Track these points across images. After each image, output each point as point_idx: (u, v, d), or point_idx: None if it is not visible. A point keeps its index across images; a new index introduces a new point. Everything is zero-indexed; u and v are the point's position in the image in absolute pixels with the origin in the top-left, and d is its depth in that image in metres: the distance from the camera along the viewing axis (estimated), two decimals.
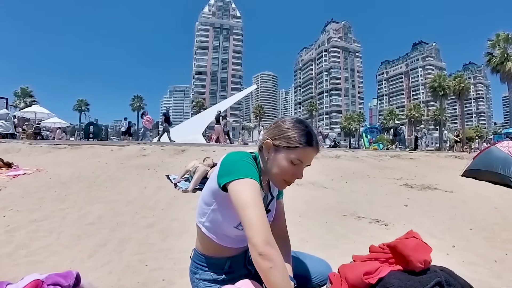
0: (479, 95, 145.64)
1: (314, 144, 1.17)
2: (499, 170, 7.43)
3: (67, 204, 4.26)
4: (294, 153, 1.14)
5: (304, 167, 1.20)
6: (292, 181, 1.20)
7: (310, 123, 1.26)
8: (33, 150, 9.38)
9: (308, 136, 1.17)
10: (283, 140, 1.16)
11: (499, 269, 2.75)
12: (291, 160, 1.15)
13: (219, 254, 1.26)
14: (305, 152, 1.15)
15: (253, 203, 1.00)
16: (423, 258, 1.01)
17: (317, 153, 1.21)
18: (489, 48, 34.29)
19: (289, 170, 1.16)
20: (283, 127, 1.19)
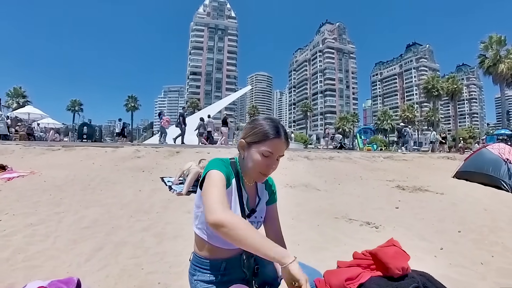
0: (472, 96, 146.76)
1: (281, 136, 1.28)
2: (490, 172, 7.57)
3: (62, 207, 4.29)
4: (264, 146, 1.25)
5: (276, 158, 1.29)
6: (267, 172, 1.29)
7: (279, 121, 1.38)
8: (26, 151, 9.35)
9: (275, 129, 1.28)
10: (254, 136, 1.28)
11: (484, 271, 2.83)
12: (262, 152, 1.25)
13: (214, 255, 1.32)
14: (274, 143, 1.25)
15: (207, 191, 1.15)
16: (401, 265, 1.08)
17: (287, 145, 1.31)
18: (482, 50, 34.77)
19: (262, 162, 1.26)
20: (253, 125, 1.32)
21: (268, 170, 1.29)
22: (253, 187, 1.44)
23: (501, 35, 33.58)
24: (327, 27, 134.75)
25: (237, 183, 1.34)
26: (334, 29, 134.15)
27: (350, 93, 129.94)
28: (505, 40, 33.43)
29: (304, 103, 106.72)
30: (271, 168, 1.29)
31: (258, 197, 1.44)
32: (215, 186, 1.15)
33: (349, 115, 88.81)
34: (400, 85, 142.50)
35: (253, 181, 1.41)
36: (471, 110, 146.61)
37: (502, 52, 33.07)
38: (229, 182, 1.29)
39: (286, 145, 1.31)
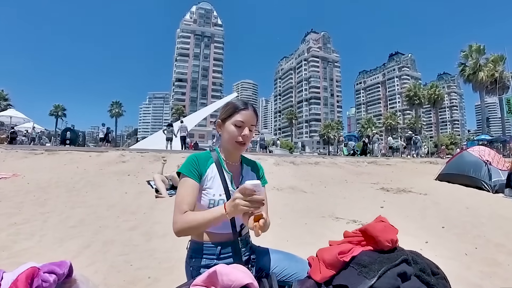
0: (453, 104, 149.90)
1: (249, 108, 1.43)
2: (471, 173, 7.77)
3: (47, 208, 4.23)
4: (235, 117, 1.40)
5: (248, 127, 1.42)
6: (243, 140, 1.41)
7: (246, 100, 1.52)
8: (8, 155, 9.16)
9: (243, 103, 1.45)
10: (226, 112, 1.44)
11: (468, 261, 2.93)
12: (235, 123, 1.40)
13: (209, 240, 1.36)
14: (243, 114, 1.41)
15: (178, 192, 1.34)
16: (390, 237, 1.12)
17: (256, 117, 1.46)
18: (462, 59, 35.71)
19: (236, 132, 1.40)
20: (224, 105, 1.49)
21: (243, 138, 1.41)
22: (237, 167, 1.53)
23: (480, 44, 34.63)
24: (312, 36, 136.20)
25: (218, 167, 1.44)
26: (319, 38, 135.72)
27: (335, 101, 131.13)
28: (484, 49, 34.46)
29: (290, 111, 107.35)
30: (245, 136, 1.41)
31: (242, 175, 1.52)
32: (179, 194, 1.32)
33: (334, 123, 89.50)
34: (383, 93, 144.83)
35: (236, 158, 1.52)
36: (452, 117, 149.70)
37: (481, 61, 34.05)
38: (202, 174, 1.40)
39: (255, 117, 1.45)
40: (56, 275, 1.18)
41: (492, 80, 32.38)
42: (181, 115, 68.77)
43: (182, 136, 18.45)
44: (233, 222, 1.37)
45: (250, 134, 1.44)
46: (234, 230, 1.38)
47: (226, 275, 0.96)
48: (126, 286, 2.23)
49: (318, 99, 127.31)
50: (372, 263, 1.04)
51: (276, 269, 1.41)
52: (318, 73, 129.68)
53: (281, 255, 1.51)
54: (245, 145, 1.44)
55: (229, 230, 1.37)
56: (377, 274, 0.99)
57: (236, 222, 1.38)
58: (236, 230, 1.38)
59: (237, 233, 1.39)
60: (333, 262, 1.08)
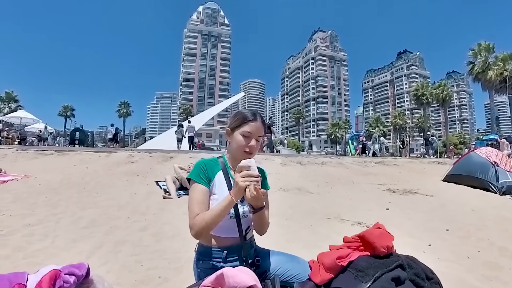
0: (462, 103, 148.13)
1: (258, 119, 1.50)
2: (478, 174, 7.74)
3: (59, 209, 4.35)
4: (244, 128, 1.47)
5: (256, 138, 1.49)
6: (250, 150, 1.48)
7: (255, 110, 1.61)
8: (19, 156, 9.34)
9: (252, 114, 1.52)
10: (235, 122, 1.51)
11: (470, 265, 2.97)
12: (243, 133, 1.47)
13: (216, 244, 1.43)
14: (251, 125, 1.47)
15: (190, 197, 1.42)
16: (386, 244, 1.19)
17: (263, 128, 1.52)
18: (471, 57, 35.29)
19: (243, 142, 1.47)
20: (234, 114, 1.56)
21: (250, 149, 1.48)
22: None
23: (490, 43, 34.22)
24: (319, 35, 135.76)
25: (225, 175, 1.51)
26: (326, 37, 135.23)
27: (342, 100, 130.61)
28: (493, 47, 34.04)
29: (297, 110, 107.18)
30: (252, 146, 1.47)
31: None
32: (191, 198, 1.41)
33: (341, 122, 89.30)
34: (391, 92, 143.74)
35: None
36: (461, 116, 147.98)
37: (490, 59, 33.62)
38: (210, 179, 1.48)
39: (263, 128, 1.52)
40: (75, 276, 1.27)
41: (501, 79, 31.98)
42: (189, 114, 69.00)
43: (189, 136, 18.65)
44: (239, 227, 1.44)
45: (257, 144, 1.50)
46: (240, 235, 1.43)
47: (232, 277, 1.04)
48: (137, 286, 2.33)
49: (325, 98, 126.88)
50: (368, 267, 1.11)
51: (279, 270, 1.48)
52: (326, 72, 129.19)
53: (284, 257, 1.58)
54: (252, 154, 1.49)
55: (235, 234, 1.43)
56: (372, 278, 1.06)
57: (242, 226, 1.44)
58: (242, 235, 1.44)
59: (243, 238, 1.45)
60: (331, 266, 1.16)
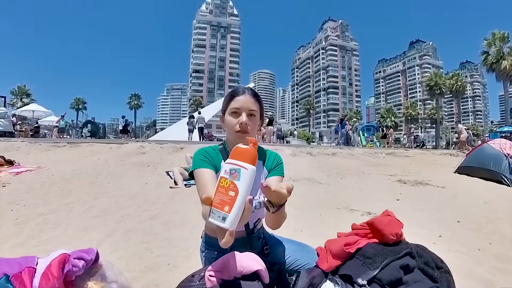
0: (475, 94, 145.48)
1: (245, 93, 1.36)
2: (491, 166, 7.61)
3: (71, 199, 4.41)
4: (230, 106, 1.35)
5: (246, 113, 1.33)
6: (242, 129, 1.32)
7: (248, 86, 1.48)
8: (32, 148, 9.48)
9: (238, 88, 1.40)
10: (223, 104, 1.41)
11: (481, 257, 2.93)
12: (231, 112, 1.34)
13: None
14: (237, 100, 1.34)
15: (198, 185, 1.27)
16: (395, 231, 1.18)
17: (250, 98, 1.36)
18: (485, 47, 34.52)
19: (234, 120, 1.33)
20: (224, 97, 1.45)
21: (241, 126, 1.32)
22: None
23: (504, 32, 33.34)
24: (329, 24, 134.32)
25: None
26: (337, 26, 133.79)
27: (353, 90, 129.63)
28: (508, 37, 33.19)
29: (307, 101, 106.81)
30: (243, 124, 1.32)
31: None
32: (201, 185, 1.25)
33: (352, 113, 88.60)
34: (403, 83, 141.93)
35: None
36: (475, 107, 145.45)
37: (505, 49, 32.82)
38: (217, 167, 1.33)
39: (254, 101, 1.37)
40: (84, 261, 1.30)
41: None
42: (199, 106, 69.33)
43: (199, 127, 18.81)
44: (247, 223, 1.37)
45: (251, 120, 1.34)
46: (247, 229, 1.39)
47: (239, 262, 1.04)
48: (147, 272, 2.36)
49: (336, 89, 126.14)
50: (376, 255, 1.10)
51: (289, 259, 1.46)
52: (336, 62, 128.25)
53: (294, 245, 1.56)
54: (247, 133, 1.33)
55: (242, 228, 1.36)
56: (380, 265, 1.05)
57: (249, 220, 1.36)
58: (249, 229, 1.39)
59: (250, 231, 1.40)
60: (339, 252, 1.15)
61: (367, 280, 1.02)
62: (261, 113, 1.42)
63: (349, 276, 1.06)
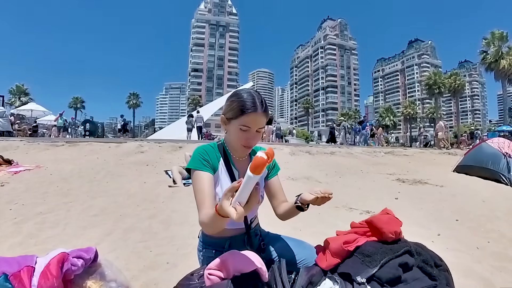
0: (474, 93, 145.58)
1: (258, 109, 1.24)
2: (489, 165, 7.62)
3: (70, 198, 4.41)
4: (239, 121, 1.24)
5: (256, 130, 1.28)
6: (249, 145, 1.30)
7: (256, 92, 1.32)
8: (30, 147, 9.46)
9: (251, 103, 1.24)
10: (230, 112, 1.27)
11: (480, 255, 2.94)
12: (239, 128, 1.25)
13: (219, 234, 1.33)
14: (250, 118, 1.23)
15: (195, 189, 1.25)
16: (394, 229, 1.18)
17: (265, 117, 1.28)
18: (484, 46, 34.63)
19: (241, 137, 1.27)
20: (230, 101, 1.30)
21: (248, 143, 1.29)
22: (245, 162, 1.43)
23: (503, 31, 33.46)
24: (328, 24, 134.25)
25: (226, 164, 1.37)
26: (336, 25, 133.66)
27: (352, 89, 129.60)
28: (507, 36, 33.30)
29: (306, 100, 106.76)
30: (251, 140, 1.29)
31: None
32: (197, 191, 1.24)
33: (351, 112, 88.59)
34: (402, 82, 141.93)
35: (243, 155, 1.42)
36: (473, 106, 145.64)
37: (504, 49, 32.95)
38: (215, 167, 1.33)
39: (265, 117, 1.28)
40: (83, 259, 1.30)
41: None
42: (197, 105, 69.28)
43: (198, 126, 18.87)
44: (245, 219, 1.40)
45: (258, 136, 1.31)
46: (246, 226, 1.41)
47: (237, 260, 1.04)
48: (146, 271, 2.36)
49: (335, 88, 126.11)
50: (375, 253, 1.10)
51: (286, 255, 1.44)
52: (335, 61, 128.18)
53: (291, 242, 1.57)
54: (251, 147, 1.33)
55: (240, 225, 1.39)
56: (379, 263, 1.06)
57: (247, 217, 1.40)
58: (248, 225, 1.42)
59: (248, 228, 1.43)
60: (338, 251, 1.16)
61: (366, 278, 1.02)
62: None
63: (348, 274, 1.06)
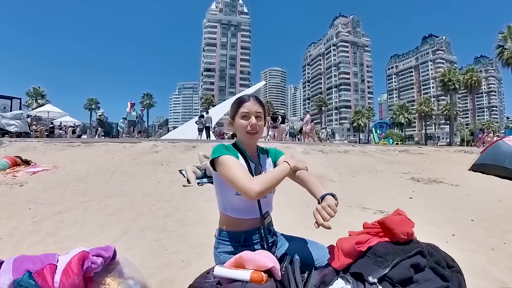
0: (490, 89, 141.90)
1: (248, 99, 1.55)
2: (506, 164, 7.47)
3: (87, 197, 4.51)
4: (239, 114, 1.52)
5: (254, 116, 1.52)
6: (252, 129, 1.51)
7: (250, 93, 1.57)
8: (47, 148, 9.66)
9: (243, 96, 1.58)
10: (232, 109, 1.57)
11: (495, 256, 2.90)
12: (241, 116, 1.52)
13: (235, 227, 1.49)
14: (245, 105, 1.52)
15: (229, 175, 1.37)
16: (406, 230, 1.19)
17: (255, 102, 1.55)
18: (500, 41, 33.86)
19: (244, 123, 1.51)
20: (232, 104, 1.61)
21: (251, 127, 1.51)
22: (256, 157, 1.63)
23: None
24: (340, 20, 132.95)
25: (243, 157, 1.54)
26: (348, 22, 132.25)
27: (365, 87, 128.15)
28: None
29: (319, 98, 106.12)
30: (253, 125, 1.50)
31: (260, 164, 1.62)
32: (233, 168, 1.38)
33: (364, 109, 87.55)
34: (417, 78, 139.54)
35: (254, 148, 1.63)
36: (490, 103, 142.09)
37: None
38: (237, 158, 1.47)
39: (259, 105, 1.55)
40: (102, 258, 1.34)
41: None
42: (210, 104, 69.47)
43: (207, 126, 19.11)
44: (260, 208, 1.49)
45: (258, 121, 1.53)
46: (260, 215, 1.49)
47: (251, 260, 1.07)
48: (161, 269, 2.42)
49: (348, 85, 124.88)
50: (387, 253, 1.11)
51: (300, 255, 1.47)
52: (348, 58, 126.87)
53: (303, 242, 1.63)
54: (257, 133, 1.54)
55: (255, 215, 1.49)
56: (391, 264, 1.06)
57: (261, 208, 1.49)
58: (262, 215, 1.49)
59: (262, 219, 1.50)
60: (350, 251, 1.17)
61: (377, 278, 1.03)
62: (264, 115, 1.60)
63: (360, 274, 1.07)
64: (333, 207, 1.28)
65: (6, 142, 10.43)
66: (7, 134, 14.85)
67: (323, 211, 1.26)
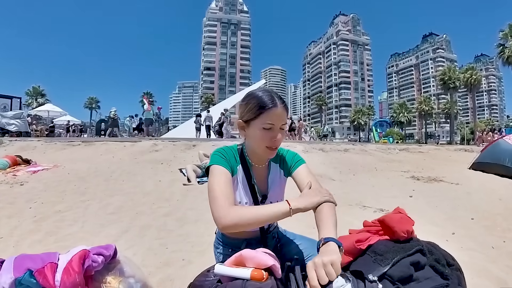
0: (491, 88, 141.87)
1: (278, 104, 1.19)
2: (506, 163, 7.46)
3: (87, 196, 4.52)
4: (261, 120, 1.18)
5: (280, 127, 1.22)
6: (274, 145, 1.22)
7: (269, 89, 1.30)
8: (48, 147, 9.67)
9: (269, 98, 1.19)
10: (249, 113, 1.21)
11: (495, 255, 2.89)
12: (262, 127, 1.19)
13: (235, 235, 1.37)
14: (272, 114, 1.18)
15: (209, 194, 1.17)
16: (406, 228, 1.19)
17: (283, 111, 1.21)
18: (501, 39, 33.84)
19: (265, 137, 1.20)
20: (246, 102, 1.24)
21: (274, 143, 1.22)
22: (264, 169, 1.38)
23: None
24: (341, 19, 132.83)
25: (244, 169, 1.31)
26: (348, 20, 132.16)
27: (366, 85, 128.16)
28: None
29: (319, 97, 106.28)
30: (276, 140, 1.21)
31: (268, 181, 1.38)
32: (216, 183, 1.17)
33: (365, 108, 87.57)
34: (417, 77, 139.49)
35: (264, 161, 1.36)
36: (490, 101, 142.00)
37: None
38: (233, 170, 1.27)
39: (286, 112, 1.23)
40: (103, 256, 1.35)
41: None
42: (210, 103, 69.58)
43: (207, 125, 19.10)
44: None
45: (283, 134, 1.23)
46: (261, 229, 1.38)
47: (251, 259, 1.07)
48: (162, 267, 2.42)
49: (348, 84, 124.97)
50: (387, 251, 1.12)
51: (302, 255, 1.45)
52: (348, 57, 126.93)
53: (307, 241, 1.55)
54: (277, 149, 1.27)
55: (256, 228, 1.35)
56: (391, 262, 1.06)
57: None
58: (264, 229, 1.39)
59: (264, 231, 1.40)
60: (350, 249, 1.17)
61: (377, 276, 1.03)
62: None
63: (360, 272, 1.07)
64: (336, 266, 0.91)
65: (7, 141, 10.45)
66: (7, 134, 14.88)
67: (321, 270, 0.89)
